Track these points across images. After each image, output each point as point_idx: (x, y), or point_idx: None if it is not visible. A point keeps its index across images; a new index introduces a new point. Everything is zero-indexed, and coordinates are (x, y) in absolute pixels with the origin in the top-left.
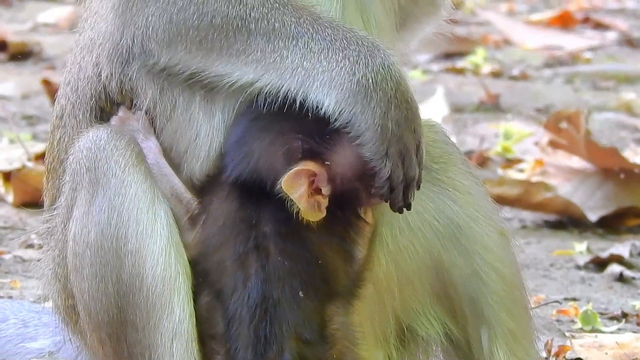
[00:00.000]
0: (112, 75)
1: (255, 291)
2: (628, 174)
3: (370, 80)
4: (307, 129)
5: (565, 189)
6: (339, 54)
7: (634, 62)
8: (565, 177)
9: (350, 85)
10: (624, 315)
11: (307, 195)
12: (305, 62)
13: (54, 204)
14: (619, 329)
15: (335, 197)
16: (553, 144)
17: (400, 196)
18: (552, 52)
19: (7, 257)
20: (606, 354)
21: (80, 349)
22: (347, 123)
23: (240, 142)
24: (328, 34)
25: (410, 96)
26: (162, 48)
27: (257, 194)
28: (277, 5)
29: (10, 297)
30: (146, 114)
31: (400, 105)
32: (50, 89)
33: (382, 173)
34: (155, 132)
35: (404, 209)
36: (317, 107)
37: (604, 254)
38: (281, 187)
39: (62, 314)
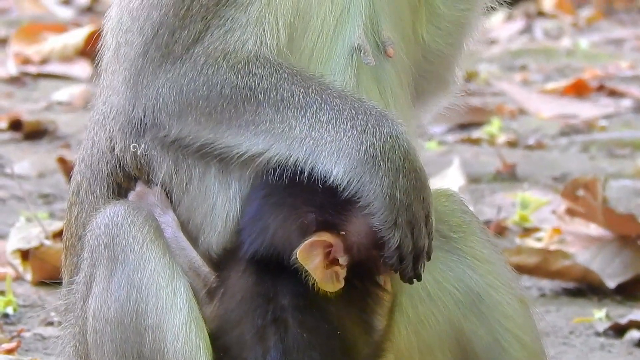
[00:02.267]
0: (125, 149)
1: None
2: None
3: (378, 150)
4: (320, 201)
5: (583, 257)
6: (347, 124)
7: None
8: (583, 244)
9: (358, 154)
10: None
11: (324, 266)
12: (313, 132)
13: (72, 280)
14: None
15: (353, 266)
16: (570, 212)
17: (410, 266)
18: (568, 121)
19: (27, 334)
20: None
21: None
22: (355, 192)
23: (255, 218)
24: (336, 103)
25: (419, 165)
26: (173, 120)
27: (274, 268)
28: (286, 75)
29: None
30: (162, 187)
31: (408, 175)
32: (66, 167)
33: (391, 243)
34: (172, 205)
35: (415, 280)
36: (326, 177)
37: (623, 320)
38: (296, 259)
39: None
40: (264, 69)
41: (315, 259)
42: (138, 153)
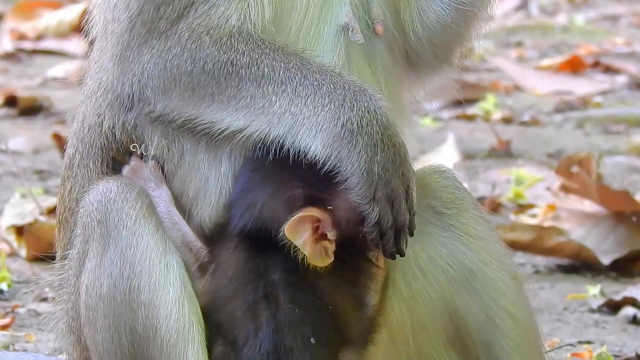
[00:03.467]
0: (115, 124)
1: (266, 340)
2: None
3: (356, 124)
4: (306, 175)
5: (577, 233)
6: (325, 98)
7: None
8: (577, 221)
9: (335, 129)
10: (638, 357)
11: (312, 241)
12: (292, 107)
13: (65, 255)
14: None
15: (342, 241)
16: (565, 189)
17: (391, 242)
18: (563, 97)
19: (21, 310)
20: None
21: None
22: (334, 167)
23: (243, 193)
24: (316, 78)
25: (398, 140)
26: (158, 95)
27: (264, 244)
28: (268, 51)
29: (25, 350)
30: (156, 161)
31: (387, 150)
32: (61, 143)
33: (370, 218)
34: (165, 179)
35: (398, 255)
36: (305, 152)
37: (618, 297)
38: (285, 235)
39: None
40: (247, 45)
41: (304, 234)
42: (138, 152)
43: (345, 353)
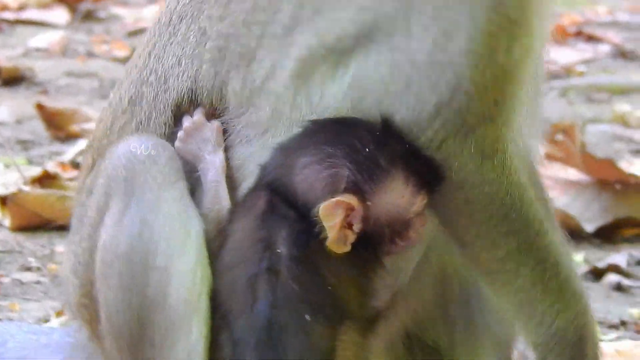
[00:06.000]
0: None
1: (262, 315)
2: (624, 184)
3: (576, 340)
4: (359, 161)
5: (561, 201)
6: (563, 304)
7: (627, 74)
8: (561, 189)
9: (558, 336)
10: (623, 323)
11: (340, 227)
12: (532, 292)
13: (83, 189)
14: (618, 337)
15: (361, 235)
16: (549, 157)
17: None
18: (546, 66)
19: (5, 280)
20: None
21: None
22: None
23: (288, 149)
24: (563, 278)
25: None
26: None
27: (280, 213)
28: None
29: (10, 320)
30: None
31: None
32: (44, 113)
33: None
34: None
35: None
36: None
37: (602, 264)
38: (317, 212)
39: (74, 311)
40: (526, 195)
41: (336, 218)
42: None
43: (342, 327)
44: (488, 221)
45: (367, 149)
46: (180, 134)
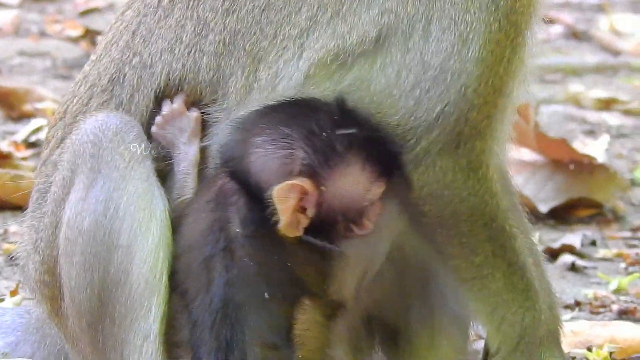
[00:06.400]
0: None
1: (217, 295)
2: (578, 165)
3: (531, 344)
4: (316, 144)
5: (515, 182)
6: (532, 303)
7: (580, 54)
8: (515, 169)
9: (525, 336)
10: (578, 303)
11: (293, 210)
12: (504, 294)
13: (48, 162)
14: (573, 318)
15: (314, 221)
16: None
17: None
18: None
19: None
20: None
21: (41, 344)
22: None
23: (245, 128)
24: (528, 279)
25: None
26: None
27: (235, 193)
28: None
29: None
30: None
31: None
32: None
33: None
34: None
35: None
36: (480, 323)
37: (556, 245)
38: (271, 194)
39: (33, 287)
40: (501, 204)
41: (289, 202)
42: (138, 153)
43: (302, 306)
44: (470, 231)
45: (324, 133)
46: (158, 119)
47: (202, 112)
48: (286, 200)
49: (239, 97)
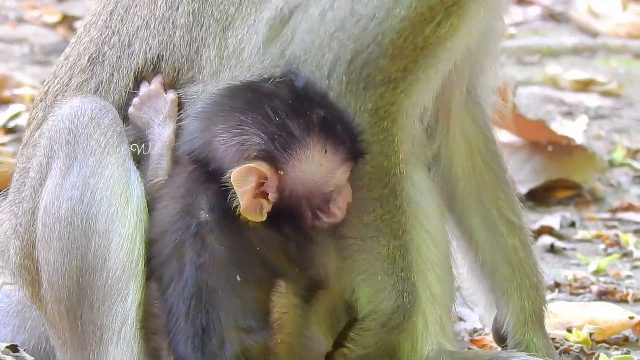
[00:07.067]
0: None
1: (190, 280)
2: (556, 146)
3: (393, 330)
4: (271, 129)
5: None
6: (405, 285)
7: (557, 36)
8: None
9: (388, 308)
10: (557, 285)
11: (252, 194)
12: (385, 263)
13: (32, 143)
14: (553, 299)
15: (280, 207)
16: None
17: None
18: None
19: None
20: None
21: (21, 327)
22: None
23: (206, 117)
24: (408, 257)
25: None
26: None
27: (203, 181)
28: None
29: None
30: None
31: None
32: None
33: None
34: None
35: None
36: (349, 292)
37: (535, 226)
38: (229, 177)
39: (14, 272)
40: (402, 167)
41: (247, 185)
42: (138, 153)
43: (277, 289)
44: (368, 183)
45: (278, 117)
46: (135, 100)
47: (179, 94)
48: (244, 184)
49: (213, 67)
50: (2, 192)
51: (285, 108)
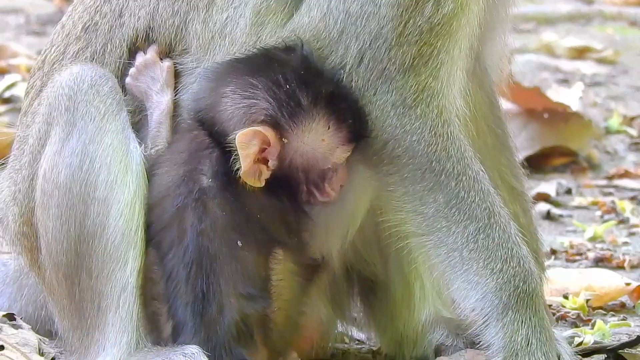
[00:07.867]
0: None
1: (191, 246)
2: (552, 113)
3: (513, 302)
4: (280, 96)
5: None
6: (496, 264)
7: (553, 3)
8: None
9: (495, 299)
10: (553, 252)
11: (254, 159)
12: (465, 251)
13: (29, 112)
14: (549, 266)
15: (278, 176)
16: None
17: None
18: None
19: None
20: None
21: (18, 295)
22: (477, 330)
23: (215, 78)
24: (499, 235)
25: (546, 323)
26: None
27: (206, 143)
28: (470, 171)
29: None
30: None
31: (533, 329)
32: None
33: None
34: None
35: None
36: (456, 298)
37: (531, 193)
38: (234, 139)
39: (13, 239)
40: (456, 151)
41: (250, 149)
42: (145, 154)
43: (276, 255)
44: (413, 175)
45: (289, 86)
46: (131, 70)
47: (175, 63)
48: (247, 147)
49: (201, 41)
50: None
51: (297, 77)
